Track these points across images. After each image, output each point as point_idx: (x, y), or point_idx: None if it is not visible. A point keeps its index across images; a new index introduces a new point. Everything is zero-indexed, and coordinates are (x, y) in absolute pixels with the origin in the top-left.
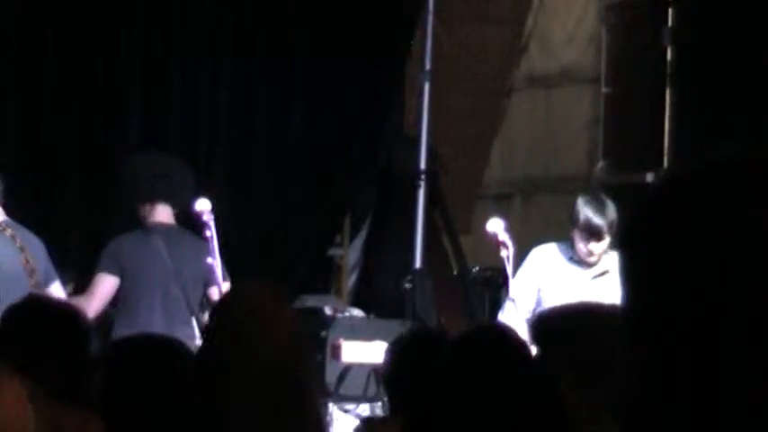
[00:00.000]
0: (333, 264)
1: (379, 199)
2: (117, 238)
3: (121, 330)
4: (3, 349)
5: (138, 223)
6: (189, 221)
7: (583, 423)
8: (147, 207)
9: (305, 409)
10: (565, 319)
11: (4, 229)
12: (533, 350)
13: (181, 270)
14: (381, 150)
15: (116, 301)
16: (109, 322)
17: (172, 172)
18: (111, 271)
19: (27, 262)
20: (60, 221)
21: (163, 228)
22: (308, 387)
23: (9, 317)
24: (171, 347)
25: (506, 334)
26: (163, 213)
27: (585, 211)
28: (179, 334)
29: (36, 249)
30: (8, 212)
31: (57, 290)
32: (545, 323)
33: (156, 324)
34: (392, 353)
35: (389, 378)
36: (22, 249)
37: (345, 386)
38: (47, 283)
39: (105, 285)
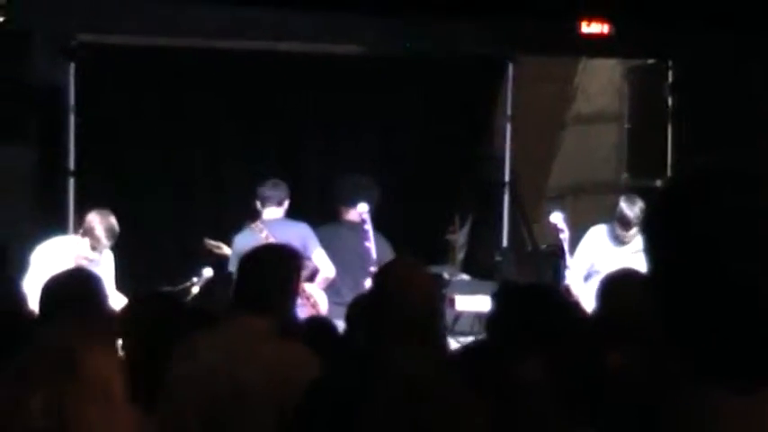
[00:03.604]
0: (449, 244)
1: (478, 200)
2: (320, 229)
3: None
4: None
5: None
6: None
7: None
8: (345, 209)
9: (433, 337)
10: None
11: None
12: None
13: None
14: (479, 168)
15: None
16: None
17: (369, 189)
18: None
19: None
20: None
21: (353, 223)
22: (437, 324)
23: (246, 261)
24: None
25: (553, 290)
26: (360, 214)
27: (622, 208)
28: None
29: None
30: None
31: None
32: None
33: (355, 288)
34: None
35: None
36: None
37: (458, 325)
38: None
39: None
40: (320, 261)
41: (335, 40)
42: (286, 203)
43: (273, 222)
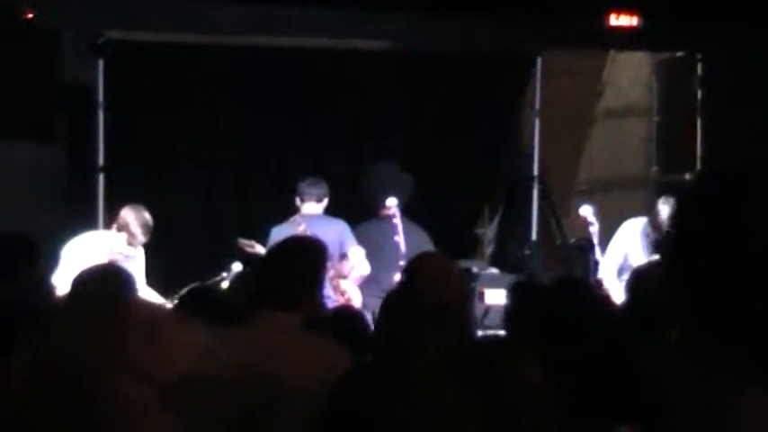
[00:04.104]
0: (477, 239)
1: (507, 195)
2: (361, 225)
3: (363, 286)
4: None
5: (373, 214)
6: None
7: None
8: (377, 205)
9: (464, 327)
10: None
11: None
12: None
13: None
14: (507, 163)
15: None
16: None
17: (398, 181)
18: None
19: None
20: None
21: (389, 218)
22: (467, 316)
23: (271, 255)
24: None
25: (582, 283)
26: (389, 209)
27: (659, 210)
28: None
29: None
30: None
31: (354, 253)
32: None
33: (388, 282)
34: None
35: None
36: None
37: (488, 319)
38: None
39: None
40: (356, 258)
41: (363, 36)
42: (325, 200)
43: (311, 218)
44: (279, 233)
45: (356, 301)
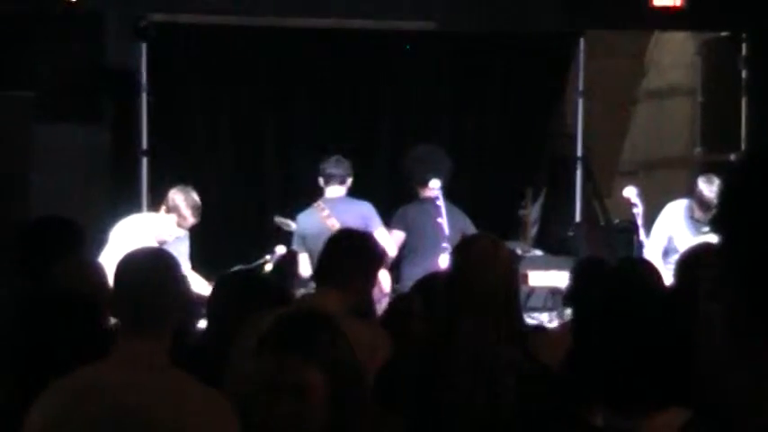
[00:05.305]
0: (521, 220)
1: (551, 175)
2: (404, 206)
3: (408, 269)
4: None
5: (415, 196)
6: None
7: None
8: (420, 187)
9: (510, 309)
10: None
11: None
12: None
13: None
14: (551, 144)
15: (402, 249)
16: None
17: (440, 163)
18: (400, 228)
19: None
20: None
21: (431, 199)
22: (515, 297)
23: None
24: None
25: (645, 264)
26: (431, 191)
27: (701, 188)
28: None
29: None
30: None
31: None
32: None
33: (433, 264)
34: (571, 277)
35: (568, 294)
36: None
37: (531, 301)
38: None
39: (396, 238)
40: (382, 240)
41: (406, 16)
42: (349, 181)
43: (336, 201)
44: (304, 220)
45: (385, 284)
